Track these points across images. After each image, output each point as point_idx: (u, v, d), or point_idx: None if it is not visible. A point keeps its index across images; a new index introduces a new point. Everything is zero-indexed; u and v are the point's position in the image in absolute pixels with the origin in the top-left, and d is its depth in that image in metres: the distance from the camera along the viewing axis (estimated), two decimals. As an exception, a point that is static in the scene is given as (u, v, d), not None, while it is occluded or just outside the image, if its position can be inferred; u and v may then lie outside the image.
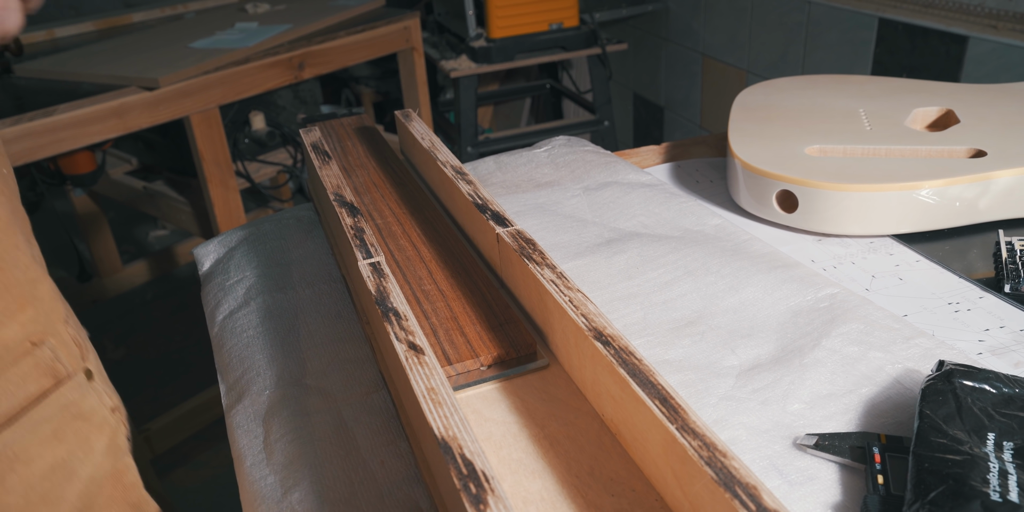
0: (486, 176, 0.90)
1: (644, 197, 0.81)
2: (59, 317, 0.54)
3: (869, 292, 0.65)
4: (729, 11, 2.01)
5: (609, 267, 0.69)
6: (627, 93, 2.65)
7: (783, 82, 0.96)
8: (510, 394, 0.52)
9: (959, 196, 0.70)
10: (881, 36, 1.55)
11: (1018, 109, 0.82)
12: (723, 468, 0.37)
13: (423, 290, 0.61)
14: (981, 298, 0.63)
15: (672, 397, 0.41)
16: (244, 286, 0.73)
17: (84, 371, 0.54)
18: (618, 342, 0.46)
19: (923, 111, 0.85)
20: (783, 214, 0.75)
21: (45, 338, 0.51)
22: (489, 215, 0.62)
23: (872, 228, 0.72)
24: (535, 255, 0.55)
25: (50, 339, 0.52)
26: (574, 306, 0.49)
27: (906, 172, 0.71)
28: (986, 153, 0.73)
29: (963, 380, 0.48)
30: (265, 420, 0.56)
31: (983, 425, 0.45)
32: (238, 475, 0.53)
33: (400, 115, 0.85)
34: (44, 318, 0.52)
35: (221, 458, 1.79)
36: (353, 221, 0.62)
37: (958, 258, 0.70)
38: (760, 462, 0.47)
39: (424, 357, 0.46)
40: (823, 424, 0.50)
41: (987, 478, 0.40)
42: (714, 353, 0.57)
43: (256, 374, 0.60)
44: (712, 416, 0.51)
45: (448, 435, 0.40)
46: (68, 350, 0.53)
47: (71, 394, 0.52)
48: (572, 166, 0.90)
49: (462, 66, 2.07)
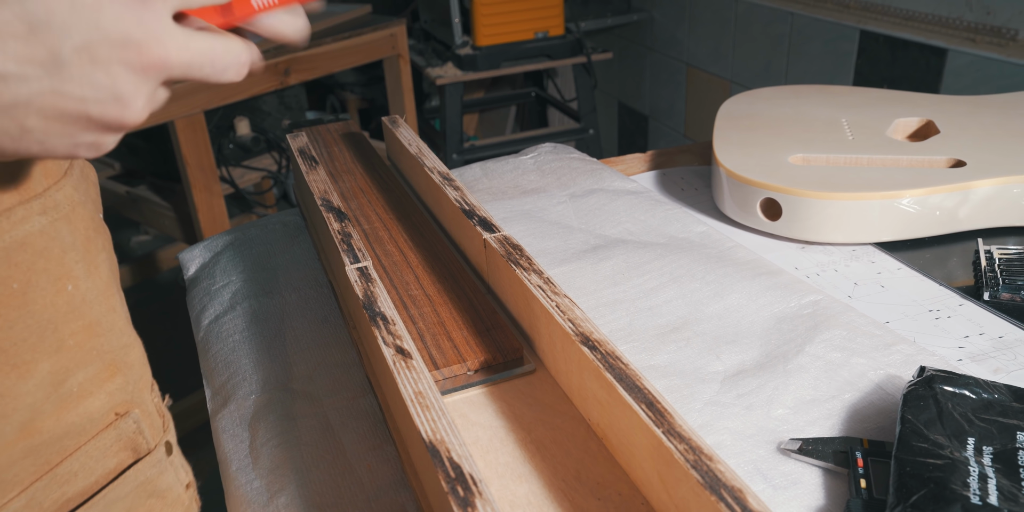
0: (472, 182, 0.90)
1: (630, 204, 0.81)
2: (146, 385, 0.50)
3: (851, 299, 0.65)
4: (713, 21, 2.03)
5: (595, 273, 0.70)
6: (612, 102, 2.67)
7: (767, 92, 0.98)
8: (497, 399, 0.52)
9: (939, 205, 0.71)
10: (863, 48, 1.57)
11: (996, 120, 0.83)
12: (709, 471, 0.37)
13: (410, 295, 0.61)
14: (961, 305, 0.63)
15: (658, 401, 0.42)
16: (230, 291, 0.73)
17: (164, 444, 0.50)
18: (604, 347, 0.46)
19: (904, 121, 0.86)
20: (767, 222, 0.75)
21: (131, 409, 0.48)
22: (476, 221, 0.62)
23: (854, 236, 0.73)
24: (522, 260, 0.56)
25: (136, 410, 0.48)
26: (561, 311, 0.50)
27: (887, 181, 0.72)
28: (965, 163, 0.74)
29: (944, 386, 0.49)
30: (251, 425, 0.56)
31: (963, 430, 0.45)
32: (224, 480, 0.53)
33: (387, 121, 0.85)
34: (132, 386, 0.48)
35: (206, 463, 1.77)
36: (340, 226, 0.62)
37: (938, 266, 0.71)
38: (745, 466, 0.48)
39: (412, 361, 0.46)
40: (807, 429, 0.51)
41: (967, 482, 0.41)
42: (699, 359, 0.57)
43: (242, 379, 0.60)
44: (697, 421, 0.51)
45: (436, 438, 0.40)
46: (152, 421, 0.49)
47: (149, 470, 0.49)
48: (558, 173, 0.90)
49: (448, 73, 2.08)
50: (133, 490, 0.48)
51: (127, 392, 0.48)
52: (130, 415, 0.47)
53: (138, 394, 0.49)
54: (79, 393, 0.45)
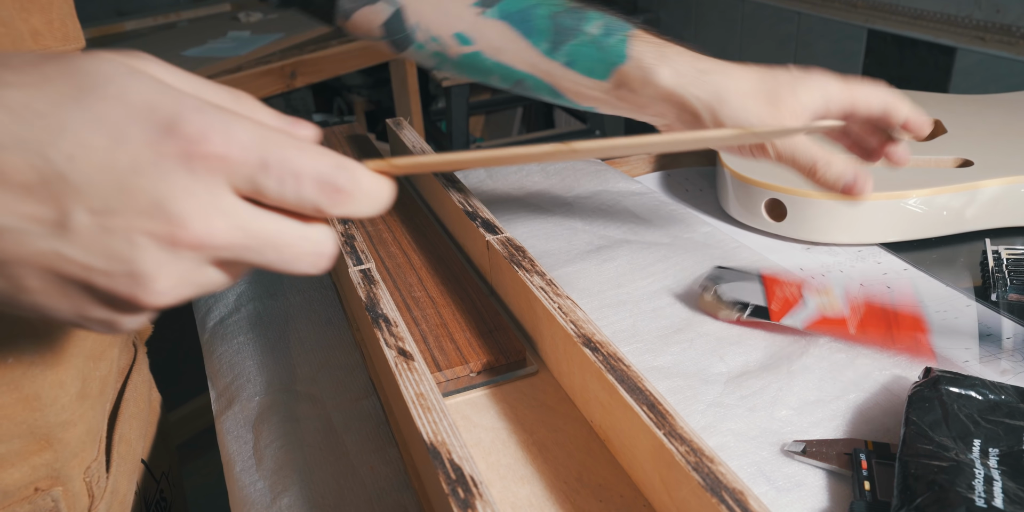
0: (477, 184, 0.90)
1: (634, 205, 0.81)
2: (81, 463, 0.47)
3: (857, 300, 0.65)
4: (720, 22, 2.03)
5: (599, 274, 0.69)
6: (619, 103, 2.67)
7: (773, 92, 0.97)
8: (499, 400, 0.52)
9: (946, 205, 0.71)
10: (870, 47, 1.56)
11: (1004, 119, 0.83)
12: (710, 473, 0.37)
13: (413, 297, 0.61)
14: (968, 306, 0.63)
15: (660, 403, 0.42)
16: (235, 292, 0.73)
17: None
18: (606, 348, 0.46)
19: (911, 121, 0.85)
20: (772, 223, 0.75)
21: (53, 486, 0.46)
22: (479, 222, 0.62)
23: (860, 237, 0.73)
24: (524, 262, 0.56)
25: (58, 488, 0.46)
26: (563, 313, 0.50)
27: (894, 181, 0.72)
28: (973, 163, 0.74)
29: (950, 387, 0.48)
30: (255, 426, 0.56)
31: (969, 432, 0.45)
32: (227, 481, 0.53)
33: (392, 124, 0.85)
34: (61, 464, 0.46)
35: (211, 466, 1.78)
36: (344, 228, 0.62)
37: (945, 267, 0.70)
38: (748, 468, 0.48)
39: (414, 363, 0.46)
40: (811, 431, 0.50)
41: (972, 484, 0.41)
42: (703, 360, 0.57)
43: (246, 380, 0.60)
44: (700, 423, 0.51)
45: (437, 440, 0.40)
46: (75, 501, 0.47)
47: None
48: (562, 174, 0.90)
49: (454, 75, 2.08)
50: None
51: (54, 469, 0.45)
52: (51, 492, 0.45)
53: (67, 471, 0.46)
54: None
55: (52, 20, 0.42)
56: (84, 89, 0.24)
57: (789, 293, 0.60)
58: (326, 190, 0.26)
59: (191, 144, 0.24)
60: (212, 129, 0.24)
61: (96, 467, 0.49)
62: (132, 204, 0.24)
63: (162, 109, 0.24)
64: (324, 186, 0.26)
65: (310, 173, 0.26)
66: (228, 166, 0.25)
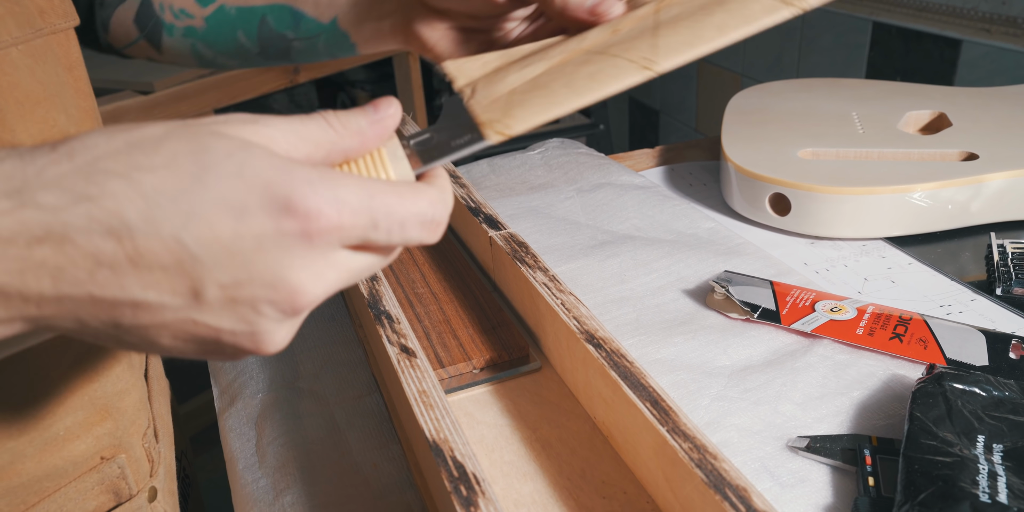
0: (479, 179, 0.90)
1: (638, 199, 0.81)
2: (139, 429, 0.50)
3: (861, 295, 0.65)
4: (724, 15, 2.02)
5: (602, 270, 0.69)
6: (623, 96, 2.66)
7: (777, 85, 0.97)
8: (502, 397, 0.52)
9: (951, 199, 0.70)
10: (875, 40, 1.55)
11: (1010, 112, 0.82)
12: (713, 470, 0.37)
13: (416, 293, 0.61)
14: (973, 301, 0.63)
15: (663, 399, 0.41)
16: (238, 289, 0.73)
17: (149, 490, 0.51)
18: (610, 345, 0.46)
19: (916, 114, 0.85)
20: (776, 217, 0.75)
21: (118, 453, 0.48)
22: (482, 218, 0.62)
23: (864, 231, 0.72)
24: (528, 258, 0.55)
25: (122, 455, 0.48)
26: (566, 309, 0.50)
27: (898, 175, 0.71)
28: (978, 156, 0.73)
29: (953, 383, 0.48)
30: (258, 423, 0.56)
31: (973, 427, 0.45)
32: (230, 478, 0.53)
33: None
34: (122, 431, 0.48)
35: (214, 463, 1.78)
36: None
37: (950, 261, 0.70)
38: (752, 464, 0.48)
39: (416, 360, 0.46)
40: (815, 426, 0.50)
41: (977, 479, 0.40)
42: (706, 353, 0.57)
43: (249, 377, 0.60)
44: (704, 418, 0.51)
45: (439, 438, 0.40)
46: (138, 467, 0.50)
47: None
48: (565, 168, 0.90)
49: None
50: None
51: (116, 437, 0.48)
52: (115, 460, 0.47)
53: (128, 439, 0.48)
54: (65, 437, 0.45)
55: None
56: (207, 168, 0.25)
57: (801, 303, 0.60)
58: (428, 227, 0.30)
59: (308, 221, 0.26)
60: (324, 202, 0.26)
61: (151, 434, 0.52)
62: (257, 277, 0.26)
63: (277, 186, 0.26)
64: (425, 225, 0.30)
65: (413, 219, 0.29)
66: (342, 233, 0.27)
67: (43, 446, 0.44)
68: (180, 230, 0.25)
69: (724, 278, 0.64)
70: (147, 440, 0.51)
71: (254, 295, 0.26)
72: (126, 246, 0.25)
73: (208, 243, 0.25)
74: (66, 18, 0.46)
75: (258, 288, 0.26)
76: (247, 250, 0.26)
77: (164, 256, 0.25)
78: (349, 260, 0.28)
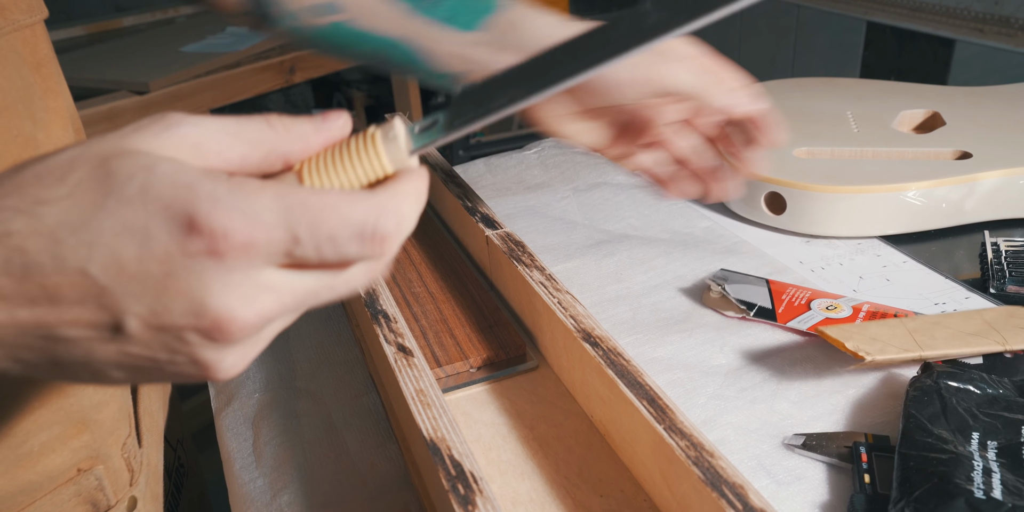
0: (476, 179, 0.90)
1: (634, 199, 0.81)
2: (117, 441, 0.49)
3: (857, 293, 0.65)
4: (719, 15, 2.02)
5: (599, 270, 0.69)
6: (618, 96, 2.66)
7: (772, 85, 0.97)
8: (500, 396, 0.52)
9: (945, 197, 0.71)
10: (869, 39, 1.56)
11: (1003, 111, 0.83)
12: (710, 468, 0.37)
13: (413, 292, 0.61)
14: (967, 298, 0.63)
15: (660, 397, 0.42)
16: (234, 289, 0.73)
17: (128, 500, 0.50)
18: (607, 343, 0.46)
19: (910, 113, 0.85)
20: (772, 216, 0.75)
21: (95, 465, 0.47)
22: (479, 217, 0.62)
23: (859, 229, 0.72)
24: (524, 257, 0.56)
25: (100, 466, 0.47)
26: (563, 308, 0.50)
27: (893, 174, 0.71)
28: (972, 155, 0.73)
29: (948, 381, 0.48)
30: (254, 423, 0.56)
31: (968, 425, 0.45)
32: (227, 478, 0.53)
33: (391, 118, 0.85)
34: (100, 443, 0.47)
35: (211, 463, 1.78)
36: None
37: (944, 259, 0.70)
38: (748, 462, 0.48)
39: (413, 359, 0.46)
40: (810, 424, 0.50)
41: (971, 476, 0.41)
42: (702, 351, 0.57)
43: (245, 377, 0.60)
44: (701, 416, 0.51)
45: (437, 436, 0.40)
46: (117, 477, 0.49)
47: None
48: (562, 167, 0.90)
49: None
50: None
51: (93, 449, 0.47)
52: (93, 471, 0.46)
53: (106, 450, 0.47)
54: (39, 452, 0.44)
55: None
56: (109, 193, 0.24)
57: (796, 301, 0.60)
58: (368, 241, 0.26)
59: (215, 240, 0.24)
60: (230, 219, 0.24)
61: (131, 443, 0.50)
62: (175, 306, 0.24)
63: (179, 205, 0.24)
64: (365, 238, 0.26)
65: (345, 231, 0.26)
66: (258, 251, 0.25)
67: (16, 462, 0.43)
68: (85, 262, 0.24)
69: (720, 276, 0.64)
70: (127, 450, 0.50)
71: (175, 324, 0.25)
72: (38, 284, 0.24)
73: (115, 273, 0.24)
74: (31, 12, 0.43)
75: (178, 316, 0.25)
76: (157, 276, 0.24)
77: (75, 291, 0.24)
78: (284, 281, 0.26)
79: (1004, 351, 0.52)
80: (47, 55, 0.46)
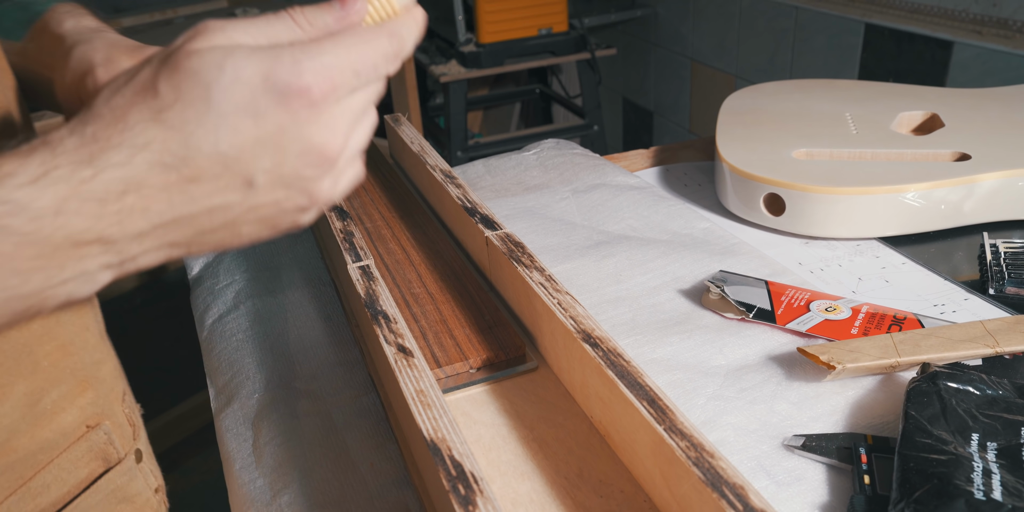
0: (475, 180, 0.90)
1: (633, 200, 0.81)
2: (117, 396, 0.52)
3: (856, 294, 0.65)
4: (717, 16, 2.02)
5: (598, 271, 0.69)
6: (616, 98, 2.66)
7: (770, 86, 0.97)
8: (499, 396, 0.52)
9: (944, 199, 0.71)
10: (868, 41, 1.56)
11: (1001, 113, 0.83)
12: (710, 468, 0.37)
13: (412, 293, 0.61)
14: (966, 300, 0.63)
15: (660, 398, 0.42)
16: (233, 290, 0.73)
17: (135, 452, 0.53)
18: (606, 344, 0.46)
19: (908, 115, 0.86)
20: (771, 217, 0.75)
21: (102, 421, 0.50)
22: (478, 218, 0.62)
23: (858, 231, 0.73)
24: (524, 258, 0.56)
25: (106, 422, 0.50)
26: (563, 308, 0.50)
27: (892, 175, 0.72)
28: (970, 156, 0.74)
29: (948, 382, 0.48)
30: (255, 423, 0.56)
31: (967, 426, 0.45)
32: (227, 478, 0.53)
33: (389, 119, 0.85)
34: (103, 399, 0.51)
35: (210, 464, 1.78)
36: (342, 224, 0.62)
37: (943, 260, 0.71)
38: (748, 463, 0.48)
39: (413, 359, 0.46)
40: (810, 425, 0.50)
41: (971, 477, 0.41)
42: (702, 352, 0.57)
43: (245, 377, 0.60)
44: (700, 417, 0.51)
45: (437, 437, 0.40)
46: (122, 432, 0.52)
47: (119, 478, 0.51)
48: (561, 169, 0.90)
49: (452, 71, 2.08)
50: (104, 497, 0.50)
51: (98, 405, 0.50)
52: (101, 427, 0.50)
53: (108, 406, 0.51)
54: (52, 410, 0.47)
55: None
56: (209, 86, 0.30)
57: (796, 303, 0.60)
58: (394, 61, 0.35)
59: (309, 94, 0.31)
60: (313, 75, 0.31)
61: (129, 399, 0.55)
62: (289, 153, 0.32)
63: (272, 77, 0.30)
64: (392, 59, 0.35)
65: (382, 59, 0.34)
66: (337, 91, 0.32)
67: (34, 421, 0.46)
68: (215, 144, 0.30)
69: (719, 278, 0.64)
70: (126, 405, 0.54)
71: (294, 166, 0.32)
72: (184, 172, 0.30)
73: (241, 144, 0.30)
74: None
75: (293, 159, 0.32)
76: (273, 135, 0.31)
77: (214, 167, 0.30)
78: (350, 104, 0.33)
79: (994, 354, 0.52)
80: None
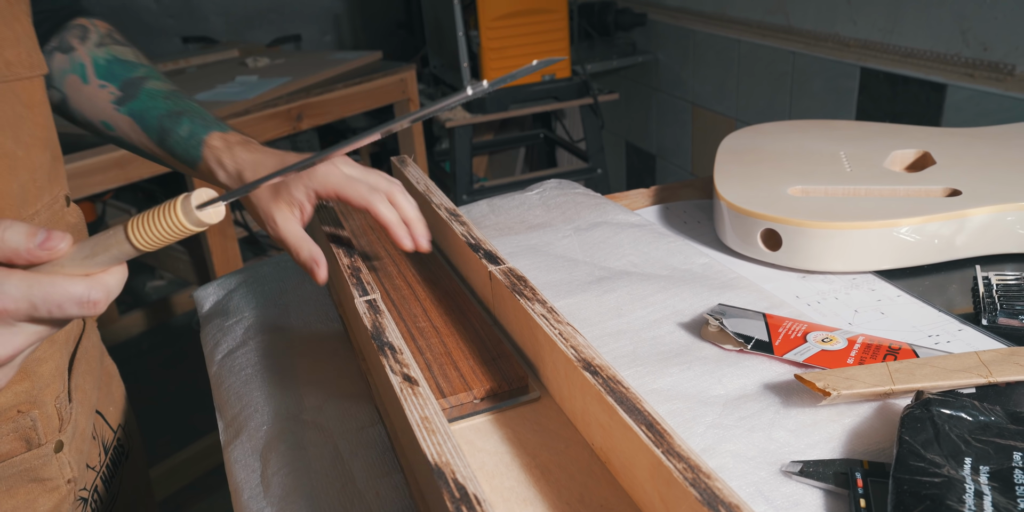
0: (480, 219, 0.92)
1: (633, 237, 0.83)
2: (53, 393, 0.61)
3: (852, 326, 0.66)
4: (716, 62, 2.07)
5: (600, 305, 0.71)
6: (620, 141, 2.70)
7: (767, 127, 1.00)
8: (503, 426, 0.53)
9: (936, 233, 0.72)
10: (864, 84, 1.60)
11: (991, 151, 0.85)
12: (707, 489, 0.38)
13: (418, 327, 0.63)
14: (960, 331, 0.64)
15: (658, 422, 0.43)
16: (243, 326, 0.74)
17: (56, 443, 0.62)
18: (606, 372, 0.47)
19: (901, 153, 0.88)
20: (768, 252, 0.77)
21: (32, 409, 0.59)
22: (482, 254, 0.64)
23: (854, 265, 0.74)
24: (526, 291, 0.57)
25: (35, 411, 0.59)
26: (564, 338, 0.51)
27: (885, 211, 0.73)
28: (961, 192, 0.76)
29: (941, 408, 0.49)
30: (262, 454, 0.57)
31: (960, 450, 0.46)
32: (236, 508, 0.54)
33: (396, 161, 0.87)
34: (38, 392, 0.60)
35: (217, 509, 1.77)
36: (350, 261, 0.64)
37: (938, 293, 0.72)
38: (747, 488, 0.49)
39: (418, 388, 0.48)
40: (807, 452, 0.51)
41: (963, 498, 0.42)
42: (701, 382, 0.58)
43: (254, 410, 0.62)
44: (700, 444, 0.52)
45: (441, 461, 0.41)
46: (49, 422, 0.61)
47: (34, 461, 0.60)
48: (563, 207, 0.92)
49: (457, 116, 2.12)
50: (17, 473, 0.60)
51: (31, 395, 0.59)
52: (29, 414, 0.59)
53: (42, 398, 0.60)
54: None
55: (20, 52, 0.57)
56: None
57: (793, 334, 0.62)
58: (85, 305, 0.40)
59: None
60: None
61: (63, 398, 0.63)
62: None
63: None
64: (83, 304, 0.40)
65: (68, 301, 0.40)
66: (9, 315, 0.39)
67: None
68: None
69: (718, 311, 0.65)
70: (59, 402, 0.62)
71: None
72: None
73: None
74: (32, 68, 0.59)
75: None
76: None
77: None
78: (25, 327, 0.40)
79: (987, 383, 0.53)
80: (40, 100, 0.61)
